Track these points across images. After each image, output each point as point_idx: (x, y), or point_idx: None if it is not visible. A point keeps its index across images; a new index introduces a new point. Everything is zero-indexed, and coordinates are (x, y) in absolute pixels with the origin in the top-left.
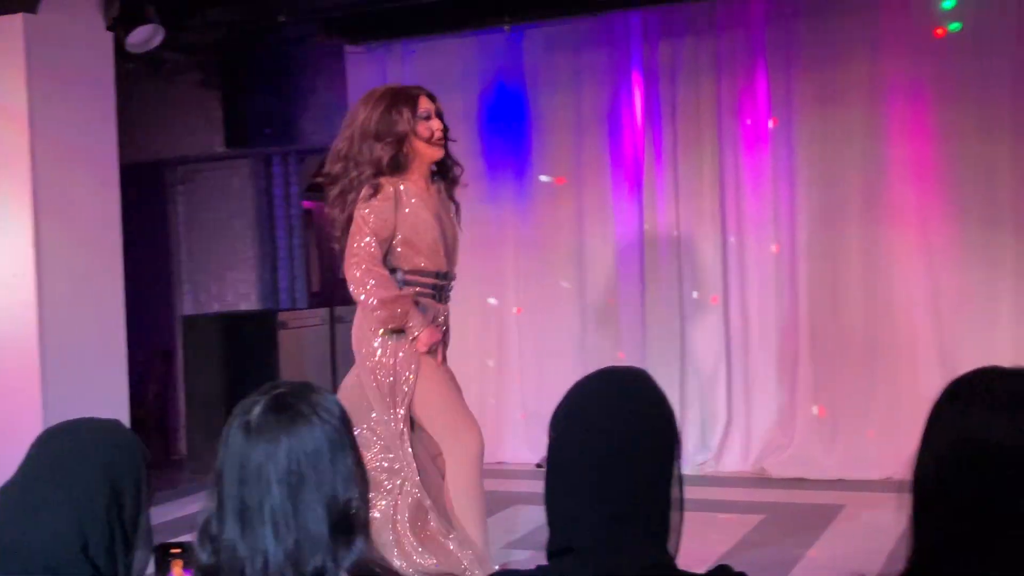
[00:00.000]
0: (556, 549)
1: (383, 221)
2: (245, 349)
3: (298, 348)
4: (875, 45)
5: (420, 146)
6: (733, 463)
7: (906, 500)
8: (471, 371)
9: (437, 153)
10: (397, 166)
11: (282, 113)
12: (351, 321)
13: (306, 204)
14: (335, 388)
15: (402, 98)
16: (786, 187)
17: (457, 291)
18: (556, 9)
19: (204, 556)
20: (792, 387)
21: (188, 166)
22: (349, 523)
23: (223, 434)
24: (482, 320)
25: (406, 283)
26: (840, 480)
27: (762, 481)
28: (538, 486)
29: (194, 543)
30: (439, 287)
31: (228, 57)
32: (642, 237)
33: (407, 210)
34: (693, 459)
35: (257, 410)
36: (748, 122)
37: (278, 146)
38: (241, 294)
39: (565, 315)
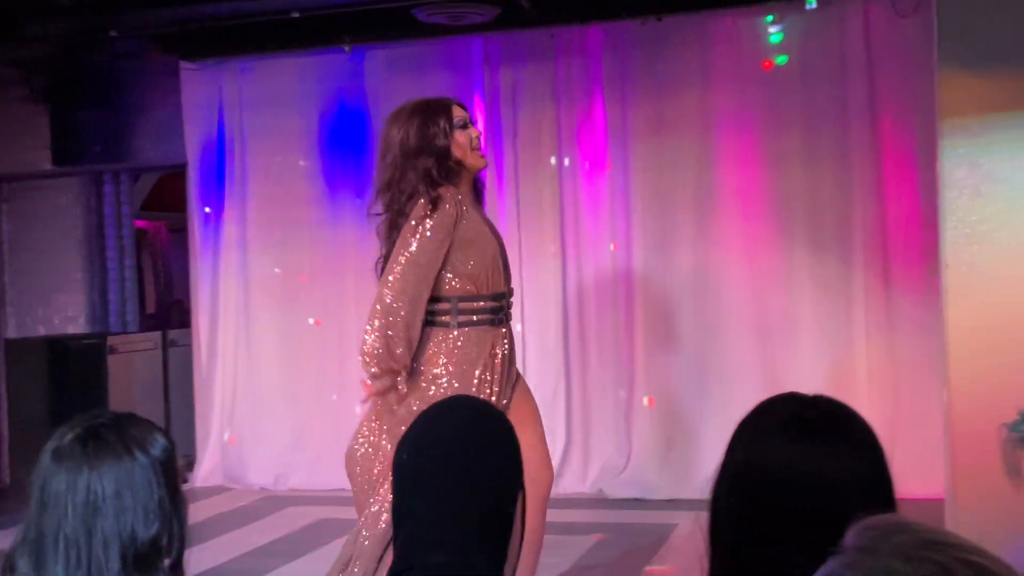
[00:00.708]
0: (393, 569)
1: (438, 243)
2: (72, 374)
3: (128, 373)
4: (707, 76)
5: (462, 157)
6: (572, 485)
7: (703, 521)
8: (312, 395)
9: (480, 162)
10: (447, 176)
11: (114, 130)
12: (186, 344)
13: (139, 224)
14: (167, 414)
15: (435, 109)
16: (623, 212)
17: (299, 315)
18: (397, 31)
19: None
20: (629, 410)
21: (13, 184)
22: (148, 561)
23: (38, 459)
24: (321, 344)
25: (460, 312)
26: (673, 500)
27: (600, 502)
28: None
29: None
30: (497, 309)
31: (57, 72)
32: None
33: (465, 222)
34: None
35: (68, 437)
36: (586, 148)
37: (109, 164)
38: (69, 317)
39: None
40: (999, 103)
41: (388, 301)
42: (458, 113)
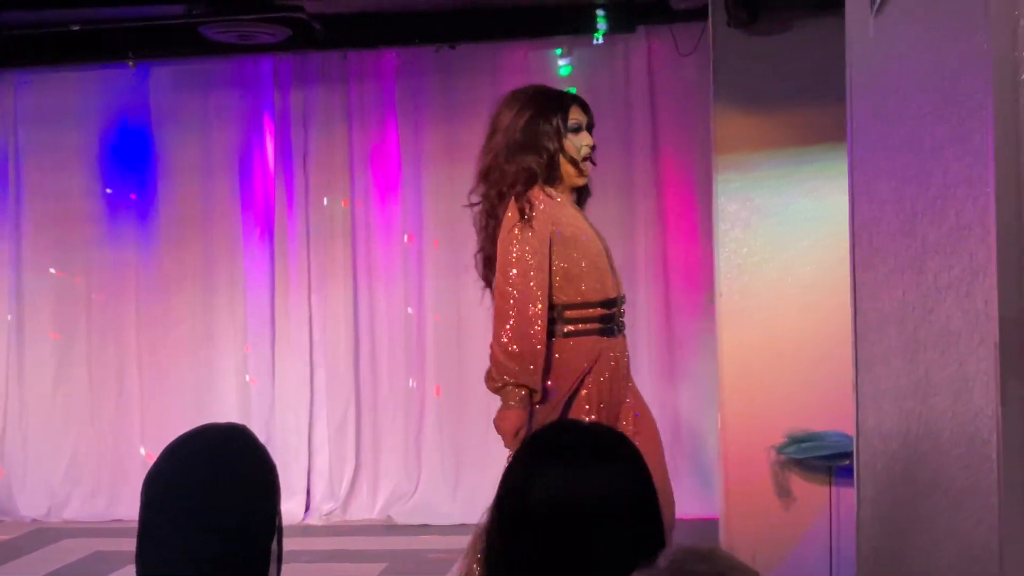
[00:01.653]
0: None
1: (540, 242)
2: None
3: None
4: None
5: (565, 166)
6: (361, 511)
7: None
8: (88, 423)
9: (578, 179)
10: (551, 179)
11: None
12: None
13: None
14: None
15: (552, 105)
16: (415, 237)
17: (76, 338)
18: (184, 48)
19: None
20: (419, 435)
21: None
22: None
23: None
24: (100, 369)
25: (567, 321)
26: (463, 524)
27: (388, 528)
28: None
29: None
30: (608, 317)
31: None
32: (273, 285)
33: (564, 221)
34: (320, 508)
35: None
36: (379, 173)
37: None
38: None
39: (192, 363)
40: (769, 141)
41: (521, 306)
42: (574, 116)
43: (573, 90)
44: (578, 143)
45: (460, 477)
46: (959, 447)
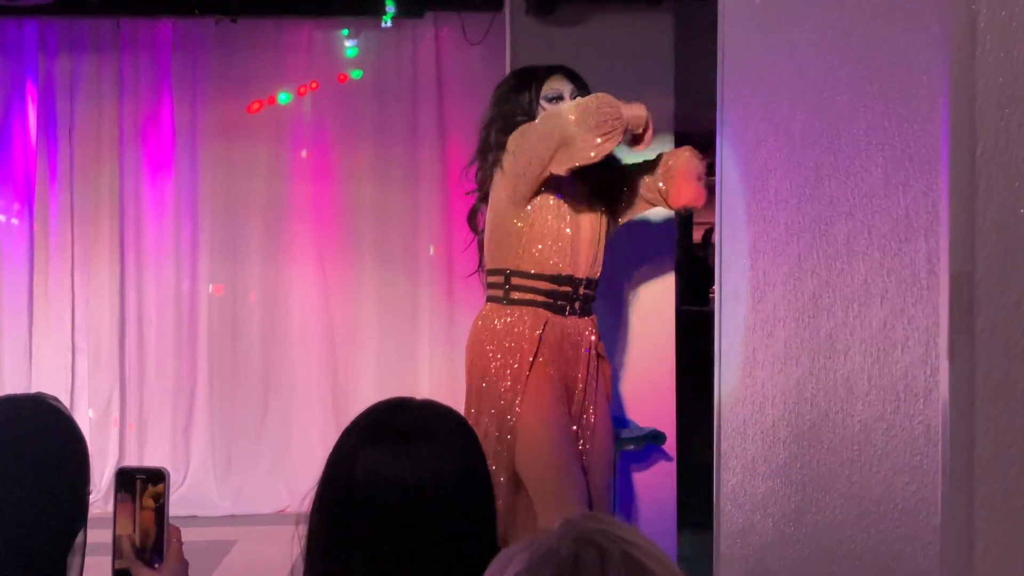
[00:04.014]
0: None
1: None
2: None
3: None
4: (280, 83)
5: None
6: None
7: (300, 535)
8: None
9: None
10: None
11: None
12: None
13: None
14: None
15: (527, 77)
16: (188, 217)
17: None
18: None
19: None
20: (188, 423)
21: None
22: None
23: None
24: None
25: (512, 288)
26: (232, 516)
27: None
28: None
29: None
30: (562, 294)
31: None
32: (32, 261)
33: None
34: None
35: None
36: (151, 148)
37: None
38: None
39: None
40: None
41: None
42: (553, 85)
43: (358, 73)
44: None
45: (231, 467)
46: (880, 405)
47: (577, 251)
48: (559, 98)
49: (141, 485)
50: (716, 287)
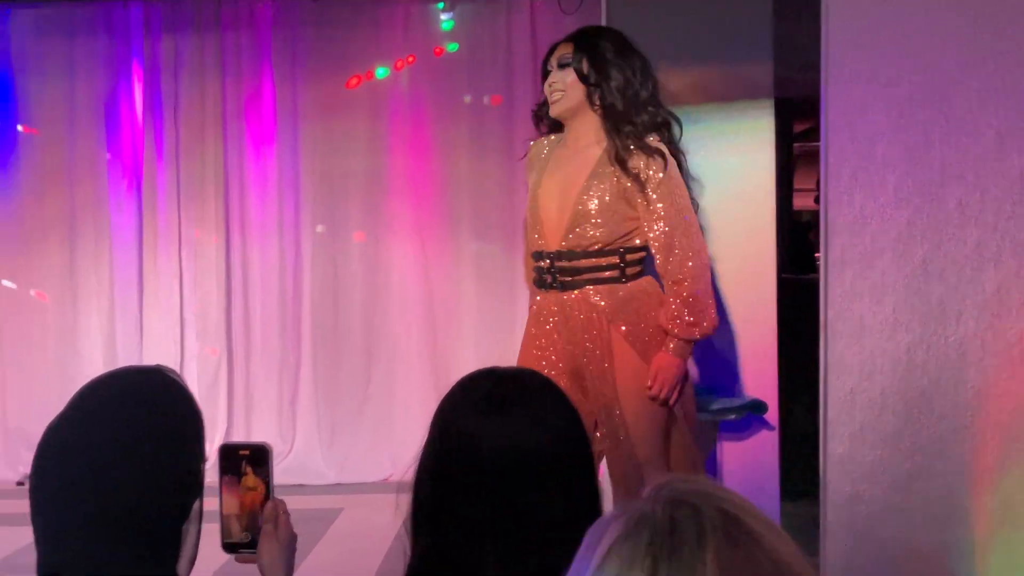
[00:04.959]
0: (44, 571)
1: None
2: None
3: None
4: (378, 59)
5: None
6: None
7: (404, 503)
8: None
9: (553, 109)
10: (555, 125)
11: None
12: None
13: None
14: None
15: (547, 54)
16: (291, 194)
17: None
18: None
19: None
20: (293, 394)
21: None
22: None
23: None
24: None
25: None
26: (338, 484)
27: None
28: (17, 505)
29: None
30: (541, 270)
31: None
32: (141, 237)
33: (537, 168)
34: None
35: None
36: (254, 126)
37: None
38: None
39: (56, 320)
40: (669, 99)
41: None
42: (552, 59)
43: (454, 46)
44: (549, 84)
45: (335, 438)
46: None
47: (549, 224)
48: (549, 72)
49: (245, 461)
50: (821, 254)
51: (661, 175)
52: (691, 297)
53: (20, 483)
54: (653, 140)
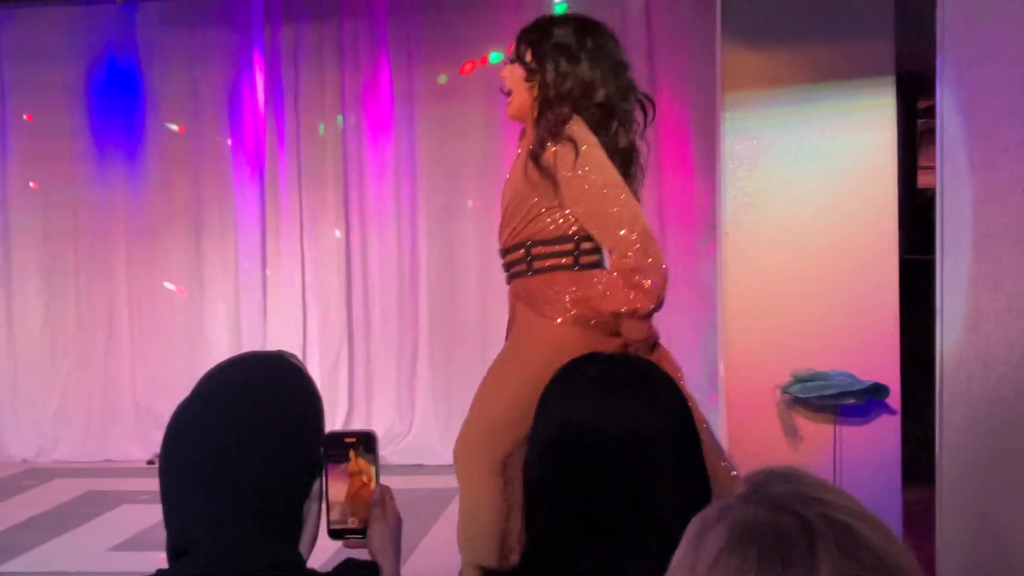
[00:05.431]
0: (173, 548)
1: None
2: None
3: None
4: (492, 45)
5: None
6: None
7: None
8: (77, 364)
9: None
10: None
11: None
12: None
13: None
14: None
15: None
16: (407, 179)
17: (63, 278)
18: None
19: None
20: (411, 377)
21: None
22: None
23: None
24: (89, 308)
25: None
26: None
27: (383, 469)
28: (148, 484)
29: None
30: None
31: None
32: (263, 224)
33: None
34: None
35: None
36: (371, 112)
37: None
38: None
39: (183, 306)
40: (778, 78)
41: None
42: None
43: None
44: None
45: (452, 419)
46: None
47: (501, 223)
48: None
49: (351, 448)
50: (937, 239)
51: (569, 174)
52: (622, 277)
53: (151, 462)
54: (570, 128)
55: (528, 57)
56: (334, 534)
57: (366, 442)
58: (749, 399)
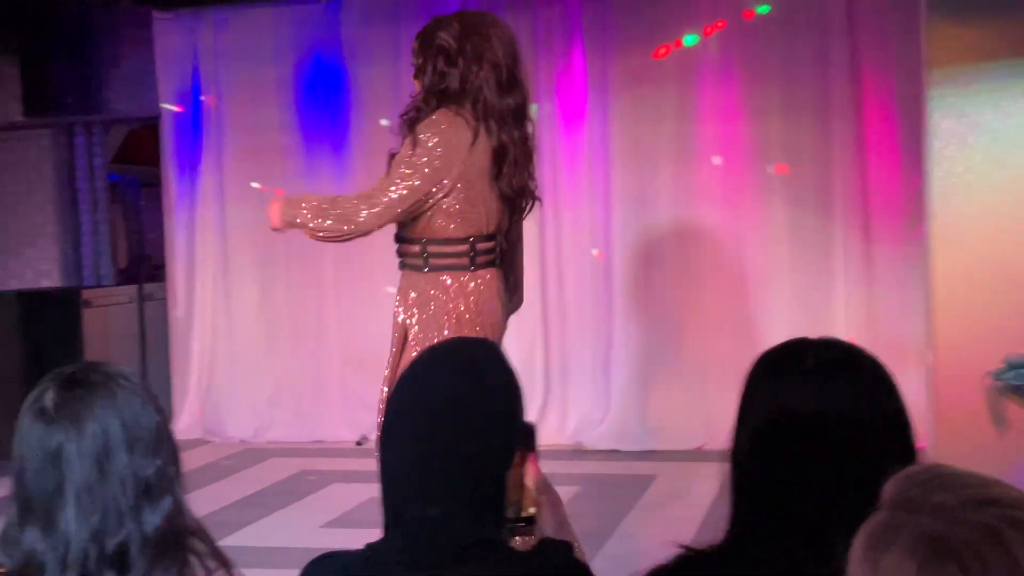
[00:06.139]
0: (388, 521)
1: None
2: (46, 328)
3: (104, 327)
4: (688, 26)
5: None
6: (551, 436)
7: (723, 471)
8: (290, 348)
9: None
10: None
11: (85, 81)
12: (161, 299)
13: (112, 176)
14: (144, 367)
15: None
16: (601, 165)
17: (277, 267)
18: None
19: (9, 562)
20: (607, 361)
21: None
22: (158, 490)
23: (16, 436)
24: (300, 297)
25: None
26: (652, 451)
27: (578, 453)
28: (357, 463)
29: None
30: None
31: (28, 21)
32: None
33: None
34: None
35: (49, 395)
36: (565, 100)
37: (81, 115)
38: (42, 271)
39: (383, 295)
40: (986, 53)
41: None
42: None
43: (765, 8)
44: None
45: (649, 404)
46: None
47: None
48: None
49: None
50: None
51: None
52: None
53: (359, 443)
54: (424, 121)
55: (415, 58)
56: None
57: (526, 434)
58: (958, 385)
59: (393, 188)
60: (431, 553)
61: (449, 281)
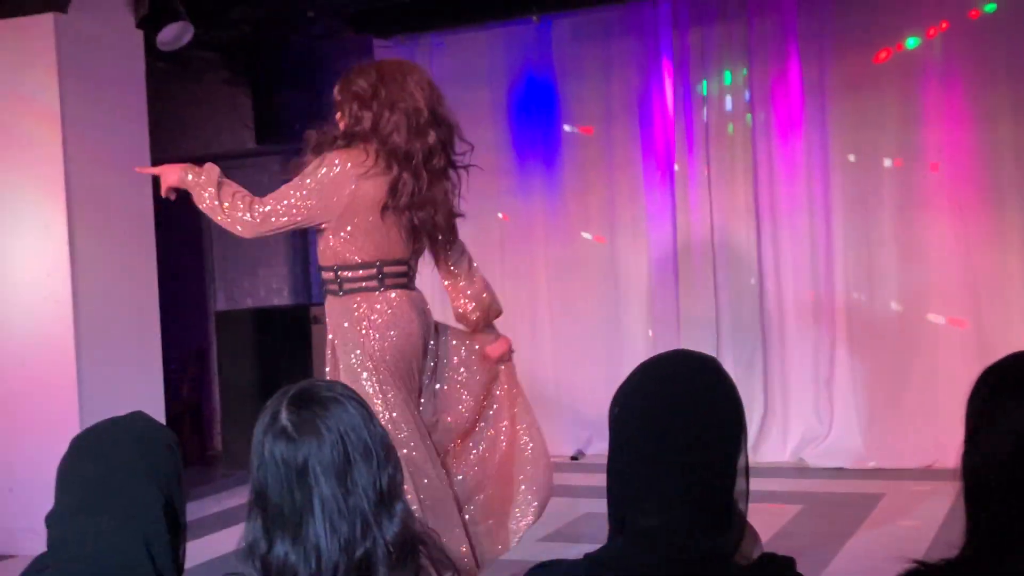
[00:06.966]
0: (612, 530)
1: None
2: (278, 344)
3: None
4: (908, 28)
5: None
6: (771, 453)
7: (958, 490)
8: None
9: None
10: None
11: (312, 108)
12: None
13: None
14: None
15: None
16: (820, 174)
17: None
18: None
19: (255, 574)
20: (829, 376)
21: (219, 163)
22: (391, 496)
23: (254, 454)
24: (516, 312)
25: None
26: (878, 469)
27: (800, 471)
28: (570, 479)
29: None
30: None
31: (257, 54)
32: (675, 227)
33: None
34: None
35: (284, 414)
36: (780, 109)
37: None
38: (273, 289)
39: (598, 308)
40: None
41: None
42: None
43: (992, 7)
44: None
45: (873, 420)
46: None
47: None
48: None
49: None
50: None
51: None
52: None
53: (574, 457)
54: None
55: (336, 98)
56: None
57: None
58: None
59: (280, 209)
60: (655, 563)
61: (361, 300)
